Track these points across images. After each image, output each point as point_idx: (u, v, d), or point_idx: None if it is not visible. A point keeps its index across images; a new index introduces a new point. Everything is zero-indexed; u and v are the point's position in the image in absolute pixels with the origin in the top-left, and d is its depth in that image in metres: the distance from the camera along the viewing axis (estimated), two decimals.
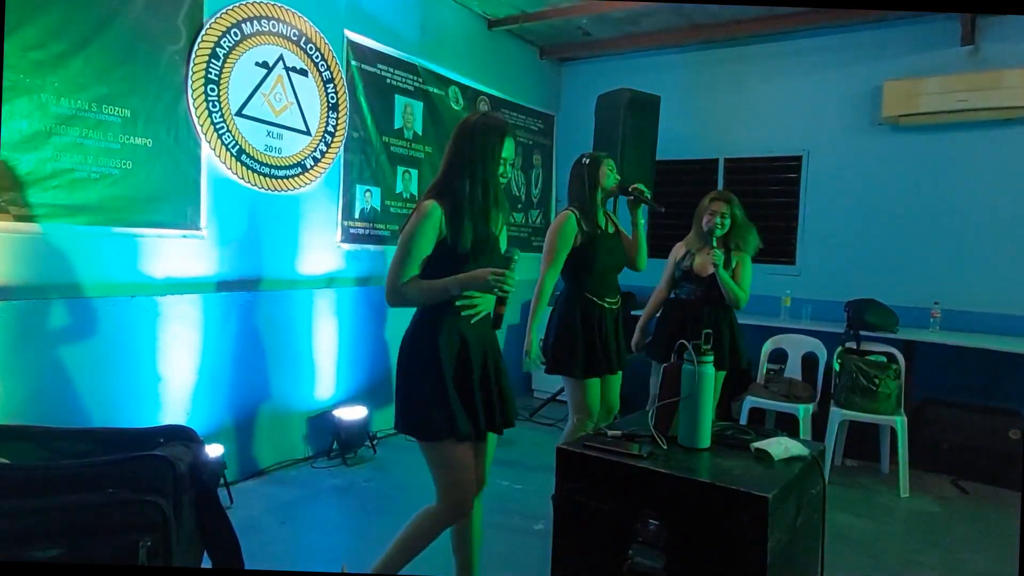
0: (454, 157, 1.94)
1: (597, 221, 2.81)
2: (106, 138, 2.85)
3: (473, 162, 1.90)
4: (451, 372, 1.90)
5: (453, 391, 1.89)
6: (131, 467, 1.78)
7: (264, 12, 3.49)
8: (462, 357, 1.93)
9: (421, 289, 1.87)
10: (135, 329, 2.99)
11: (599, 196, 2.81)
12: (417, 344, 1.95)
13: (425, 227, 1.86)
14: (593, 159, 2.83)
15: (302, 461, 3.80)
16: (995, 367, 4.16)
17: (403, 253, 1.88)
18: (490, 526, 3.02)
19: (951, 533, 3.21)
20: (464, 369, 1.93)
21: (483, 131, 1.93)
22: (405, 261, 1.87)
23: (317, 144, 3.84)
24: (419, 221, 1.87)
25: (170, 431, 2.06)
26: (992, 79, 4.19)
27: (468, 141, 1.92)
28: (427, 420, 1.90)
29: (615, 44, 5.52)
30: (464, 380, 1.93)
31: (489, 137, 1.91)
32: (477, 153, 1.90)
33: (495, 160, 1.91)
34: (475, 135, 1.92)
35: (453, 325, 1.92)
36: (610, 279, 2.84)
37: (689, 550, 1.59)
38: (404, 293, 1.88)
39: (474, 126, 1.95)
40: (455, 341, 1.92)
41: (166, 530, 1.75)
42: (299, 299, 3.76)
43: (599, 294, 2.79)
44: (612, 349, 2.82)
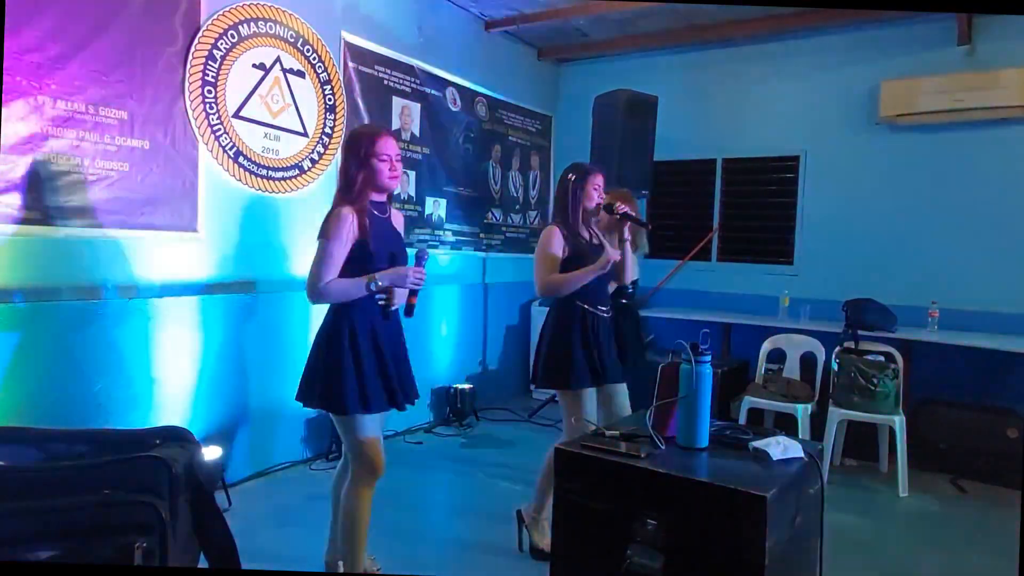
0: (344, 163, 2.23)
1: (581, 235, 2.77)
2: (103, 140, 2.85)
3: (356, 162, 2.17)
4: (367, 352, 2.16)
5: (371, 371, 2.16)
6: (127, 468, 1.78)
7: (261, 14, 3.49)
8: (374, 341, 2.18)
9: (343, 288, 2.13)
10: (133, 331, 2.99)
11: (581, 214, 2.76)
12: (334, 329, 2.18)
13: (340, 229, 2.11)
14: (580, 175, 2.76)
15: (300, 463, 3.79)
16: (993, 366, 4.17)
17: (321, 257, 2.12)
18: (490, 526, 3.03)
19: (950, 532, 3.21)
20: (376, 352, 2.19)
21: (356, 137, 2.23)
22: (326, 263, 2.11)
23: (314, 146, 3.84)
24: (334, 225, 2.12)
25: (166, 432, 2.06)
26: (988, 79, 4.20)
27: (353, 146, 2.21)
28: (341, 395, 2.13)
29: (613, 45, 5.53)
30: (376, 360, 2.19)
31: (363, 140, 2.19)
32: (362, 156, 2.16)
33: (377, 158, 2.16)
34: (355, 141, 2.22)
35: (366, 315, 2.18)
36: (600, 288, 2.78)
37: (687, 550, 1.58)
38: (327, 292, 2.13)
39: (355, 133, 2.30)
40: (367, 330, 2.18)
41: (162, 531, 1.75)
42: (296, 301, 3.75)
43: (591, 302, 2.73)
44: (607, 358, 2.74)
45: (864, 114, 4.73)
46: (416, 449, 4.21)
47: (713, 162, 5.38)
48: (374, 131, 2.27)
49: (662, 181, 5.17)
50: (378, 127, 2.33)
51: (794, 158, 5.05)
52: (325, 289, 2.11)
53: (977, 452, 3.91)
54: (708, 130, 5.36)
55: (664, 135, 4.92)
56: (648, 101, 4.74)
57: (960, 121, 4.35)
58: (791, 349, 4.26)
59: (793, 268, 5.06)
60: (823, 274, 4.90)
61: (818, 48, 4.92)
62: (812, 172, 4.98)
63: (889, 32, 4.64)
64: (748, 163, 5.26)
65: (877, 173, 4.72)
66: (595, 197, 2.76)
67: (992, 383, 4.19)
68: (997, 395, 4.14)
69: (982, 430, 3.92)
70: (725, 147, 5.32)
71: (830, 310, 4.51)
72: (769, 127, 5.12)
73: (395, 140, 2.24)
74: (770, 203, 5.21)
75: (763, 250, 5.24)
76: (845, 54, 4.81)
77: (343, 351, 2.14)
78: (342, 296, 2.13)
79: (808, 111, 4.96)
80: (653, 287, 5.48)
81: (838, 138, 4.85)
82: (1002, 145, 4.32)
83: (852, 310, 4.15)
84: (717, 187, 5.36)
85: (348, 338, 2.15)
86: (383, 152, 2.16)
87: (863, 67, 4.72)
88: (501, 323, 5.48)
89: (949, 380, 4.28)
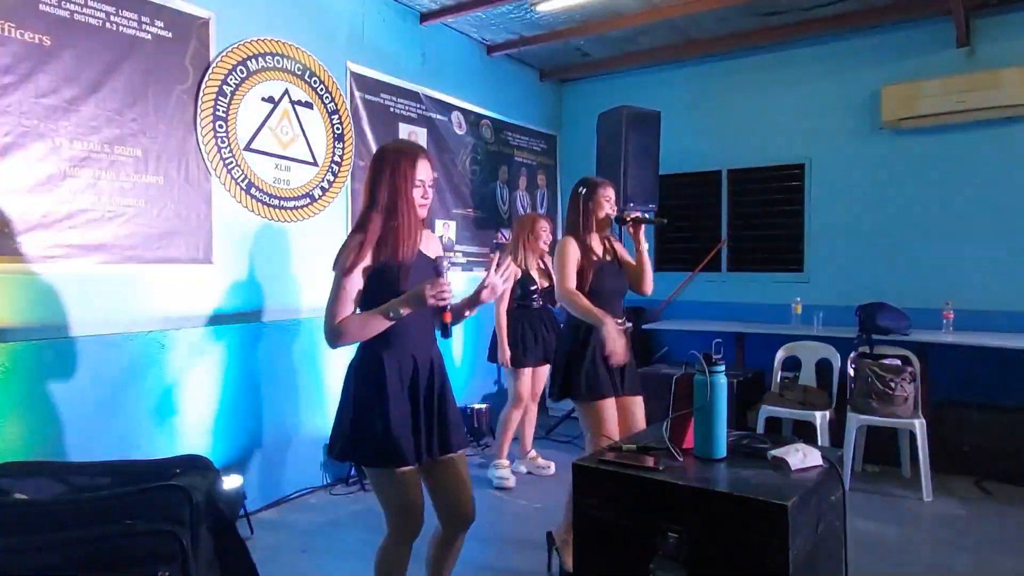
0: (369, 185, 1.96)
1: (594, 250, 2.79)
2: (119, 178, 2.92)
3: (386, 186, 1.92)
4: (397, 398, 1.91)
5: (398, 418, 1.89)
6: (148, 498, 1.79)
7: (268, 48, 3.57)
8: (411, 383, 1.94)
9: (360, 322, 1.88)
10: (151, 363, 3.03)
11: (594, 225, 2.79)
12: (364, 368, 1.95)
13: (355, 263, 1.88)
14: (589, 188, 2.78)
15: (320, 488, 3.81)
16: (1011, 365, 4.13)
17: (335, 292, 1.89)
18: (509, 545, 3.02)
19: (978, 535, 3.16)
20: (412, 395, 1.94)
21: (394, 155, 1.95)
22: (340, 298, 1.89)
23: (324, 174, 3.90)
24: (345, 256, 1.90)
25: (185, 461, 2.08)
26: (989, 79, 4.21)
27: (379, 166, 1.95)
28: (371, 448, 1.90)
29: (613, 63, 5.60)
30: (411, 406, 1.94)
31: (401, 161, 1.93)
32: (388, 176, 1.91)
33: (409, 181, 1.92)
34: (385, 160, 1.95)
35: (403, 347, 1.93)
36: (612, 304, 2.79)
37: (710, 562, 1.58)
38: (342, 331, 1.88)
39: (391, 149, 1.98)
40: (404, 366, 1.94)
41: (184, 560, 1.75)
42: (311, 327, 3.80)
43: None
44: (618, 372, 2.72)
45: (867, 119, 4.75)
46: None
47: (719, 173, 5.40)
48: (414, 152, 1.96)
49: (669, 195, 5.19)
50: (417, 147, 2.02)
51: (799, 166, 5.06)
52: (340, 328, 1.88)
53: (1000, 453, 3.86)
54: (712, 142, 5.39)
55: (668, 149, 4.96)
56: (651, 116, 4.78)
57: (963, 122, 4.36)
58: (806, 356, 4.24)
59: (804, 275, 5.05)
60: (834, 280, 4.89)
61: (818, 56, 4.95)
62: (818, 179, 4.99)
63: (888, 37, 4.68)
64: (754, 173, 5.28)
65: (883, 177, 4.72)
66: (606, 208, 2.78)
67: (1011, 382, 4.15)
68: (1017, 394, 4.09)
69: (1004, 431, 3.87)
70: (730, 158, 5.34)
71: (843, 316, 4.49)
72: (773, 136, 5.15)
73: (431, 162, 2.01)
74: (778, 211, 5.21)
75: (773, 259, 5.23)
76: (845, 61, 4.84)
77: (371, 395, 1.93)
78: (360, 332, 1.89)
79: (811, 119, 4.99)
80: (664, 300, 5.48)
81: (842, 144, 4.87)
82: (1006, 143, 4.32)
83: (865, 315, 4.14)
84: (724, 198, 5.37)
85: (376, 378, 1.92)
86: (419, 177, 1.93)
87: (864, 73, 4.75)
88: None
89: (967, 381, 4.24)
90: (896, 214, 4.68)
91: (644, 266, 2.83)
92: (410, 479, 1.93)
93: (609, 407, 2.68)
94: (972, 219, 4.43)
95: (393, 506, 1.96)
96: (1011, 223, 4.32)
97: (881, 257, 4.72)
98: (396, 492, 1.93)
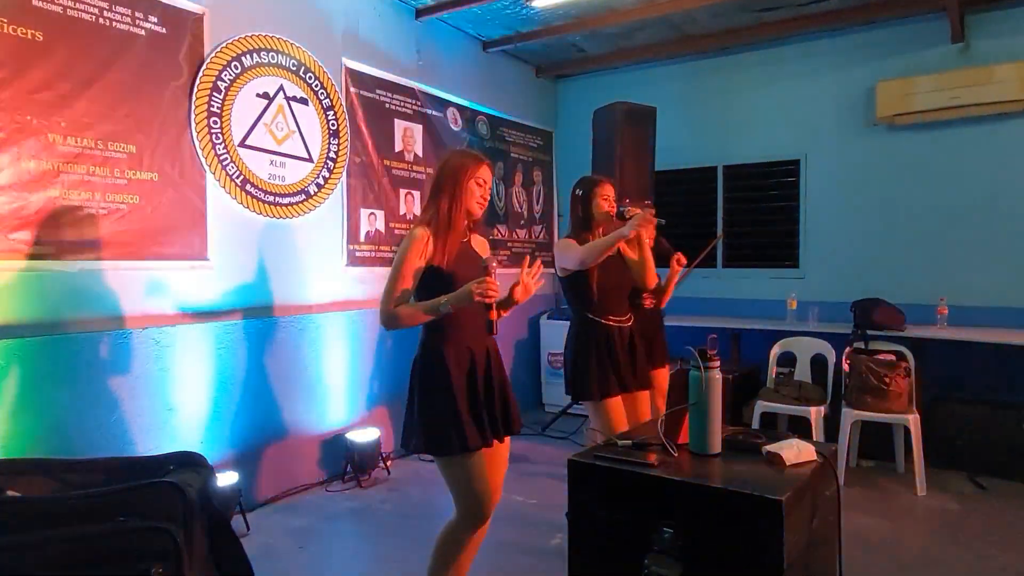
0: (434, 184, 2.14)
1: None
2: (113, 174, 2.91)
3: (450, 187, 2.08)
4: (460, 388, 2.03)
5: (463, 406, 2.02)
6: (141, 495, 1.78)
7: (263, 44, 3.56)
8: (468, 372, 2.07)
9: (411, 312, 2.03)
10: (147, 360, 3.03)
11: (593, 225, 2.80)
12: (426, 363, 2.08)
13: (412, 251, 2.03)
14: (586, 188, 2.81)
15: (317, 485, 3.81)
16: (1005, 360, 4.14)
17: (393, 277, 2.03)
18: (505, 542, 3.03)
19: (972, 530, 3.18)
20: (471, 383, 2.06)
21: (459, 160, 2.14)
22: (395, 285, 2.02)
23: (320, 170, 3.89)
24: (407, 246, 2.04)
25: (179, 458, 2.07)
26: (984, 74, 4.22)
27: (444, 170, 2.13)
28: (441, 437, 2.02)
29: (609, 59, 5.59)
30: (471, 394, 2.06)
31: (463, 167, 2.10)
32: (450, 179, 2.09)
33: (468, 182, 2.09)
34: (449, 165, 2.13)
35: (459, 341, 2.06)
36: (615, 298, 2.81)
37: (705, 557, 1.58)
38: (396, 316, 2.03)
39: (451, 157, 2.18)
40: (461, 357, 2.06)
41: (178, 557, 1.75)
42: (307, 323, 3.80)
43: (602, 314, 2.77)
44: (624, 367, 2.75)
45: (862, 115, 4.75)
46: (429, 466, 4.21)
47: (714, 169, 5.40)
48: (480, 158, 2.17)
49: (664, 190, 5.19)
50: (479, 156, 2.20)
51: (794, 162, 5.07)
52: (395, 314, 2.02)
53: (994, 448, 3.88)
54: (707, 138, 5.39)
55: (664, 145, 4.96)
56: (646, 112, 4.78)
57: (958, 118, 4.37)
58: (801, 352, 4.26)
59: (799, 271, 5.06)
60: (829, 276, 4.90)
61: (812, 53, 4.96)
62: (813, 175, 5.00)
63: (882, 33, 4.68)
64: (749, 169, 5.29)
65: (878, 173, 4.74)
66: (604, 206, 2.79)
67: (1005, 377, 4.17)
68: (1011, 390, 4.11)
69: (998, 425, 3.89)
70: (725, 154, 5.35)
71: (838, 311, 4.51)
72: (768, 132, 5.15)
73: (491, 169, 2.20)
74: (773, 207, 5.23)
75: (768, 254, 5.25)
76: (839, 57, 4.85)
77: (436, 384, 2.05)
78: (409, 321, 2.03)
79: (806, 115, 4.99)
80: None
81: (837, 140, 4.88)
82: (1001, 139, 4.33)
83: (860, 310, 4.15)
84: (719, 194, 5.38)
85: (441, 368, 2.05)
86: (481, 176, 2.12)
87: (858, 69, 4.75)
88: (511, 338, 5.49)
89: (962, 376, 4.26)
90: (891, 210, 4.69)
91: (647, 260, 2.86)
92: (480, 463, 2.05)
93: (616, 406, 2.70)
94: (966, 215, 4.44)
95: (465, 491, 2.06)
96: (1005, 219, 4.33)
97: (876, 253, 4.74)
98: (469, 477, 2.04)
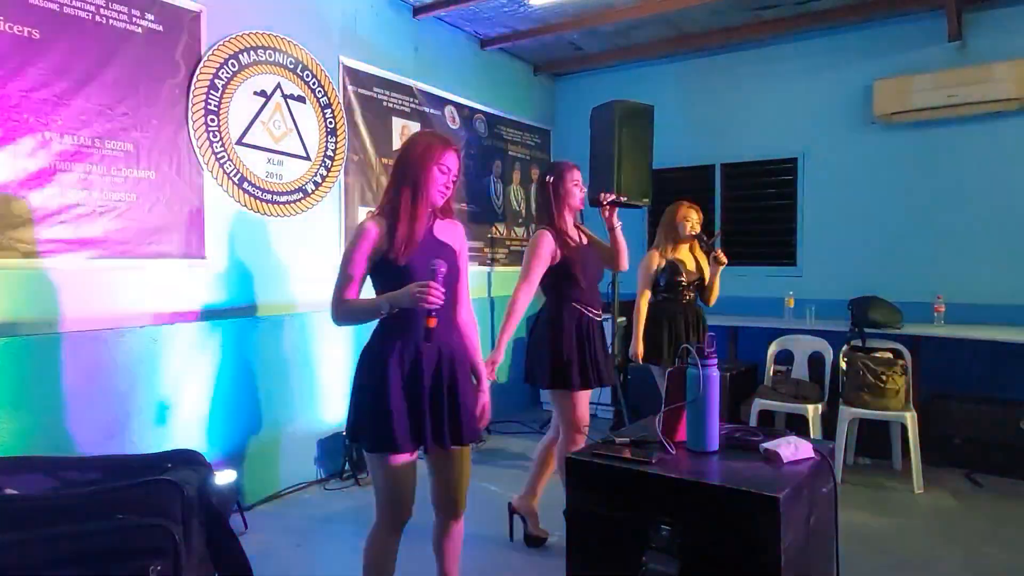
0: (395, 170, 1.99)
1: (569, 236, 2.80)
2: (110, 172, 2.90)
3: (406, 177, 1.93)
4: (395, 386, 1.89)
5: (396, 405, 1.88)
6: (140, 492, 1.79)
7: (260, 42, 3.55)
8: (411, 372, 1.92)
9: (353, 309, 1.92)
10: (144, 359, 3.02)
11: (566, 212, 2.80)
12: (368, 357, 1.97)
13: (358, 247, 1.90)
14: (557, 175, 2.80)
15: (315, 483, 3.81)
16: (1002, 358, 4.16)
17: (339, 273, 1.93)
18: (503, 539, 3.03)
19: (968, 527, 3.19)
20: (413, 383, 1.92)
21: (423, 144, 1.96)
22: (341, 281, 1.92)
23: (317, 168, 3.89)
24: (354, 241, 1.91)
25: (178, 456, 2.08)
26: (981, 73, 4.23)
27: (406, 155, 1.96)
28: (368, 432, 1.92)
29: (607, 57, 5.59)
30: (412, 395, 1.91)
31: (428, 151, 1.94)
32: (412, 166, 1.93)
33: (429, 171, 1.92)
34: (412, 149, 1.96)
35: (409, 339, 1.92)
36: (593, 292, 2.83)
37: (703, 554, 1.59)
38: (340, 312, 1.93)
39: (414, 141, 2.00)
40: (406, 356, 1.92)
41: (176, 554, 1.76)
42: (305, 321, 3.79)
43: (585, 305, 2.78)
44: (601, 360, 2.79)
45: (859, 113, 4.76)
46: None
47: (712, 167, 5.41)
48: (446, 141, 1.98)
49: (662, 189, 5.19)
50: (445, 138, 2.01)
51: (792, 160, 5.08)
52: (340, 309, 1.92)
53: (991, 445, 3.89)
54: (705, 136, 5.40)
55: (662, 143, 4.95)
56: (644, 110, 4.78)
57: (955, 116, 4.38)
58: (798, 350, 4.26)
59: (796, 269, 5.07)
60: (827, 274, 4.91)
61: (810, 51, 4.96)
62: (811, 173, 5.00)
63: (880, 31, 4.69)
64: (747, 167, 5.29)
65: (875, 171, 4.74)
66: (576, 192, 2.81)
67: (1002, 375, 4.18)
68: (1008, 387, 4.13)
69: (995, 423, 3.90)
70: (723, 152, 5.35)
71: (835, 309, 4.52)
72: (766, 130, 5.16)
73: (458, 155, 2.01)
74: (770, 206, 5.23)
75: (766, 252, 5.25)
76: (837, 55, 4.85)
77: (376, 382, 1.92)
78: (352, 318, 1.94)
79: (804, 113, 5.00)
80: None
81: (835, 138, 4.88)
82: (998, 137, 4.34)
83: (857, 308, 4.16)
84: (717, 192, 5.38)
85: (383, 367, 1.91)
86: (446, 163, 1.94)
87: (856, 67, 4.76)
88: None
89: (958, 374, 4.27)
90: (888, 208, 4.70)
91: (619, 243, 2.89)
92: (402, 468, 1.94)
93: (587, 398, 2.78)
94: (963, 213, 4.45)
95: (382, 492, 1.98)
96: (1002, 217, 4.34)
97: (873, 251, 4.74)
98: (387, 479, 1.95)
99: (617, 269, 2.96)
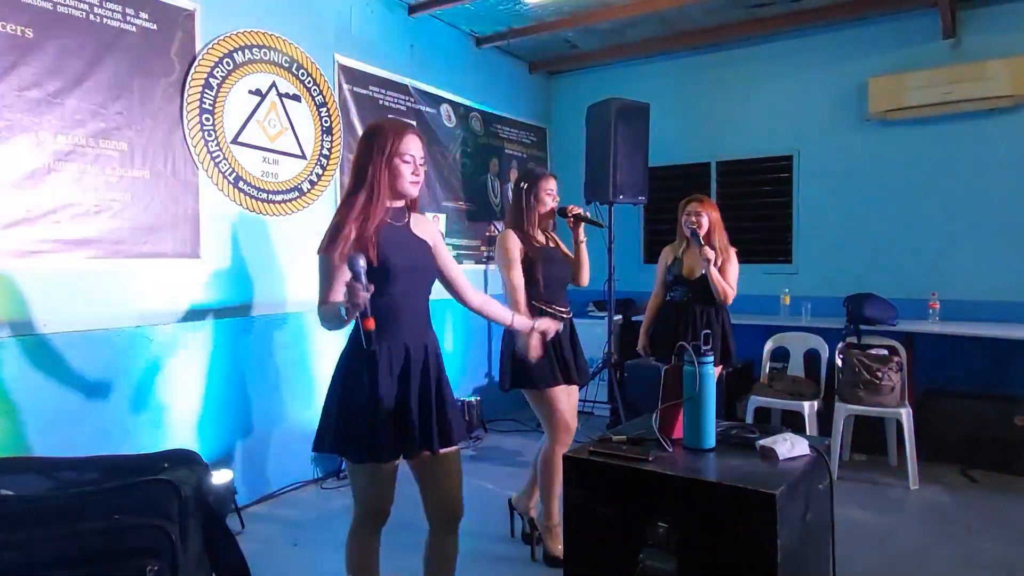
0: (353, 166, 1.89)
1: (535, 239, 2.79)
2: (104, 172, 2.89)
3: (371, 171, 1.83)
4: (386, 393, 1.84)
5: (383, 415, 1.83)
6: (135, 492, 1.78)
7: (255, 41, 3.54)
8: (401, 374, 1.87)
9: (326, 314, 1.83)
10: (140, 359, 3.02)
11: (536, 219, 2.79)
12: (351, 362, 1.89)
13: (328, 244, 1.84)
14: (531, 183, 2.79)
15: (311, 482, 3.80)
16: (996, 354, 4.18)
17: (319, 274, 1.87)
18: (502, 537, 3.04)
19: (963, 523, 3.20)
20: (402, 386, 1.87)
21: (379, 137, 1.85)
22: (320, 288, 1.87)
23: (313, 167, 3.88)
24: (323, 239, 1.87)
25: (174, 455, 2.07)
26: (975, 70, 4.24)
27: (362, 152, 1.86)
28: (352, 442, 1.85)
29: (602, 55, 5.59)
30: (400, 400, 1.86)
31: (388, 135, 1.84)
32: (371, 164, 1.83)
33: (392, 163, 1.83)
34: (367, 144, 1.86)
35: (395, 336, 1.86)
36: (558, 290, 2.81)
37: (699, 551, 1.59)
38: (321, 316, 1.86)
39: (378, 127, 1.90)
40: (395, 356, 1.86)
41: (173, 554, 1.75)
42: (300, 321, 3.79)
43: (548, 302, 2.75)
44: (570, 359, 2.74)
45: (854, 111, 4.77)
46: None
47: (707, 165, 5.41)
48: (400, 127, 1.87)
49: (657, 186, 5.20)
50: (405, 123, 1.92)
51: (787, 157, 5.09)
52: (320, 313, 1.85)
53: (986, 441, 3.91)
54: (701, 134, 5.40)
55: (657, 141, 4.96)
56: (640, 108, 4.79)
57: (949, 113, 4.40)
58: (794, 347, 4.28)
59: (792, 266, 5.08)
60: (822, 271, 4.92)
61: (805, 48, 4.97)
62: (806, 170, 5.01)
63: (874, 29, 4.70)
64: (742, 165, 5.30)
65: (870, 168, 4.75)
66: (548, 201, 2.81)
67: (996, 371, 4.20)
68: (1002, 383, 4.14)
69: (990, 419, 3.92)
70: (718, 150, 5.36)
71: (831, 306, 4.53)
72: (761, 128, 5.16)
73: (422, 140, 1.91)
74: (766, 203, 5.24)
75: (761, 250, 5.26)
76: (832, 53, 4.86)
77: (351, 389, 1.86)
78: (328, 323, 1.85)
79: (799, 110, 5.01)
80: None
81: (830, 135, 4.89)
82: (992, 135, 4.36)
83: (853, 305, 4.17)
84: (713, 189, 5.39)
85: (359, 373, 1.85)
86: (408, 152, 1.84)
87: (850, 64, 4.77)
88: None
89: (953, 370, 4.29)
90: (883, 205, 4.71)
91: (582, 258, 2.88)
92: (384, 476, 1.91)
93: (560, 392, 2.71)
94: (958, 210, 4.47)
95: (361, 499, 1.95)
96: (996, 214, 4.36)
97: (868, 248, 4.76)
98: (367, 487, 1.93)
99: (577, 284, 2.90)
